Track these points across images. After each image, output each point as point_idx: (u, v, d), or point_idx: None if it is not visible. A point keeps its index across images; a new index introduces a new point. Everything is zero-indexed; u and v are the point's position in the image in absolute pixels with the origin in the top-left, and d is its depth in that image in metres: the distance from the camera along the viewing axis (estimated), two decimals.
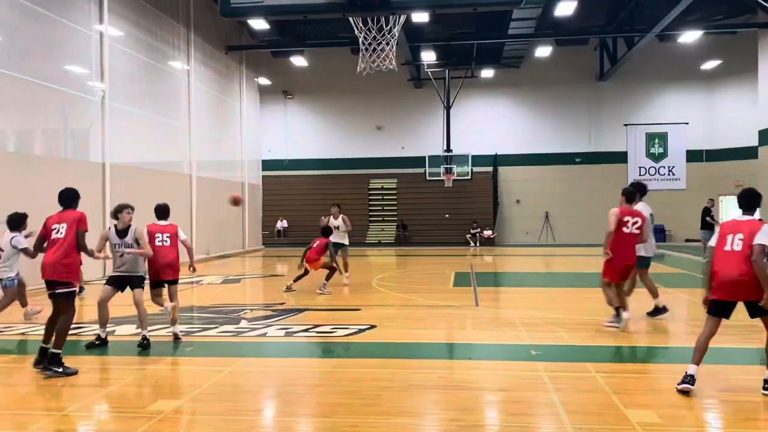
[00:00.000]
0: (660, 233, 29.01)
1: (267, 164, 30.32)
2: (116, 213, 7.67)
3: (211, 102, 23.56)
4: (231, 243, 24.55)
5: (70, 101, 15.00)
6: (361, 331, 8.54)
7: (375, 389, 5.79)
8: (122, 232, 7.57)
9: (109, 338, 7.90)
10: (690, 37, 24.36)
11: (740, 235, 5.45)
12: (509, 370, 6.61)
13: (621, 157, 29.89)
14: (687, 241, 28.68)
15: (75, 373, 6.20)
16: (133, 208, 7.76)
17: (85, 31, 15.56)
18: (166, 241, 8.09)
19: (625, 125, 29.83)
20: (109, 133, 16.24)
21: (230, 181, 25.28)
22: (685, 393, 5.46)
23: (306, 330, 8.66)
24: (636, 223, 8.26)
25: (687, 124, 29.45)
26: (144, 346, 7.40)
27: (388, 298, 12.06)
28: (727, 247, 5.48)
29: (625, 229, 8.23)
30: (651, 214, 8.95)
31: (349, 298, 12.07)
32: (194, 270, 8.64)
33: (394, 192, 30.97)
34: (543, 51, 26.82)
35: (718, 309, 5.56)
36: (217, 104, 24.12)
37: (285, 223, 31.29)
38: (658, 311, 9.26)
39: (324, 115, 31.54)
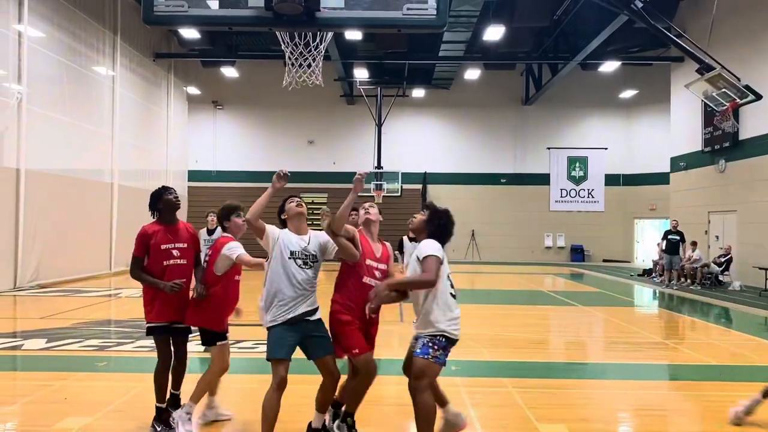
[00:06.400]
0: (579, 253, 30.17)
1: (194, 175, 29.68)
2: None
3: (137, 109, 22.90)
4: None
5: None
6: None
7: (293, 406, 5.73)
8: None
9: (17, 353, 7.52)
10: (609, 66, 25.60)
11: None
12: None
13: (544, 179, 30.92)
14: (605, 261, 29.91)
15: None
16: None
17: (2, 30, 14.87)
18: None
19: (548, 148, 30.91)
20: (26, 138, 15.51)
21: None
22: None
23: None
24: None
25: (606, 149, 30.80)
26: None
27: None
28: None
29: None
30: None
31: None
32: None
33: (325, 207, 30.85)
34: (472, 74, 27.52)
35: None
36: (142, 112, 23.47)
37: None
38: None
39: (254, 127, 31.17)
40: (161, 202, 5.12)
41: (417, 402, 4.30)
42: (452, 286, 4.53)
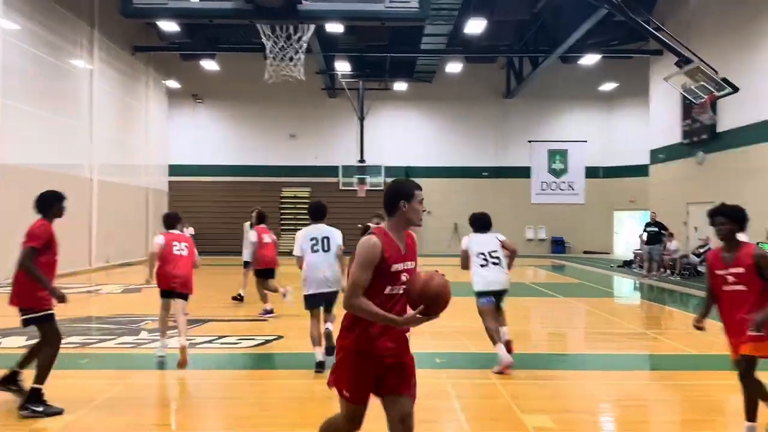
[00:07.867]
0: (559, 245, 30.39)
1: (174, 169, 29.40)
2: None
3: (115, 103, 22.61)
4: (134, 250, 23.55)
5: None
6: (267, 341, 8.42)
7: (281, 401, 5.72)
8: None
9: None
10: (589, 60, 25.73)
11: None
12: None
13: (525, 172, 31.06)
14: (585, 252, 30.16)
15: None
16: None
17: None
18: None
19: (529, 141, 31.03)
20: (1, 132, 15.26)
21: (134, 185, 24.34)
22: None
23: (210, 341, 8.45)
24: None
25: (586, 142, 31.00)
26: None
27: (298, 308, 11.94)
28: None
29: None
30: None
31: (255, 308, 11.86)
32: None
33: (307, 201, 30.70)
34: (453, 67, 27.51)
35: None
36: (121, 106, 23.18)
37: (192, 230, 30.35)
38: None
39: (235, 121, 30.92)
40: (56, 207, 5.82)
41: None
42: (484, 258, 7.67)
